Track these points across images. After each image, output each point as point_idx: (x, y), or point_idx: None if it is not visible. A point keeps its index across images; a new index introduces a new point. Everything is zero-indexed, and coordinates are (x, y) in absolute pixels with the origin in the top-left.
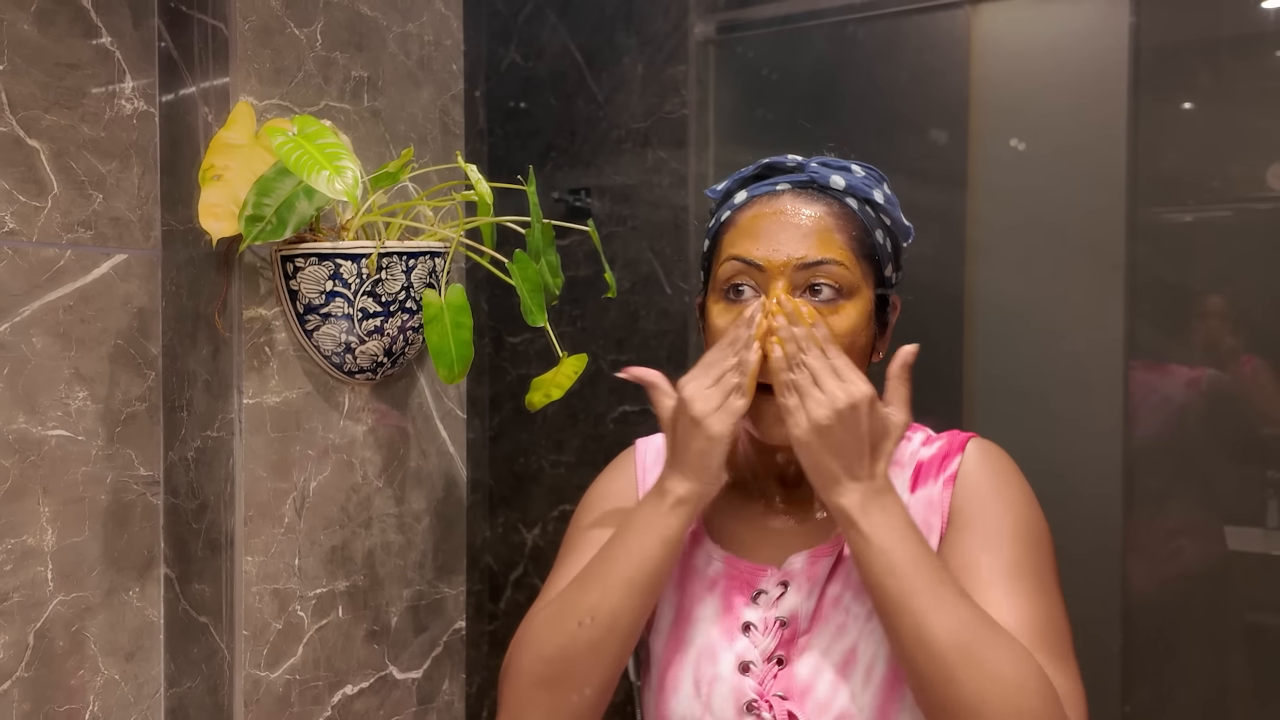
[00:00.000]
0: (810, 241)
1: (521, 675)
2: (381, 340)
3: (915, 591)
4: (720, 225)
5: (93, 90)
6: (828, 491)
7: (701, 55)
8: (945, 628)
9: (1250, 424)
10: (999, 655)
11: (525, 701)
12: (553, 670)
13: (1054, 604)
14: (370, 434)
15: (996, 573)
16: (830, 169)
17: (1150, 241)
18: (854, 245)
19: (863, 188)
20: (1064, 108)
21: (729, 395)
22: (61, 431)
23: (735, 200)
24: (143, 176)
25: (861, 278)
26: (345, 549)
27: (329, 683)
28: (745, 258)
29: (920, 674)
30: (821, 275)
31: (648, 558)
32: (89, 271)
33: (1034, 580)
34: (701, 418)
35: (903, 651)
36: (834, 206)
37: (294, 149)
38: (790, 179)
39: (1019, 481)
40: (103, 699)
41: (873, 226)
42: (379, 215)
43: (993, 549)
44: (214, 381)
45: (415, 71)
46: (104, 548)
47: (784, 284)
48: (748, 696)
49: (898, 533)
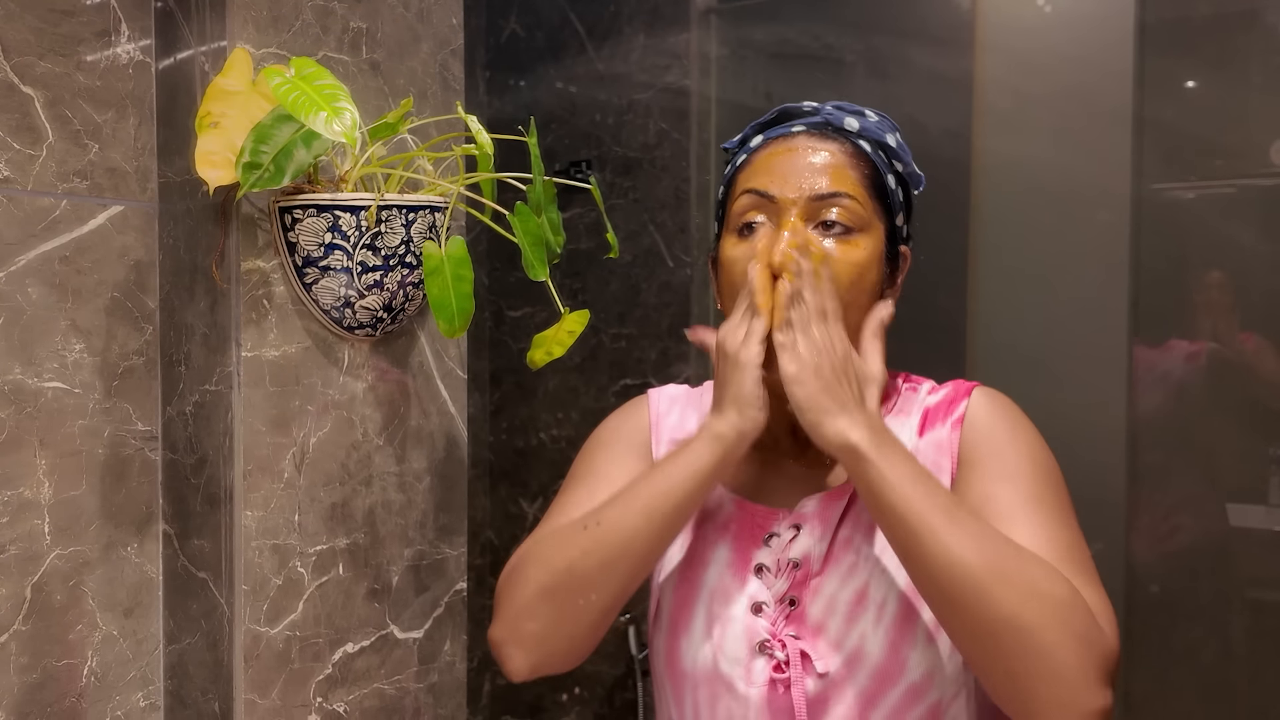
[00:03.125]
0: (824, 176)
1: (527, 583)
2: (381, 295)
3: (936, 516)
4: (735, 169)
5: (88, 38)
6: (824, 426)
7: (703, 24)
8: (974, 547)
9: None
10: (1032, 571)
11: (526, 610)
12: (559, 583)
13: (1073, 530)
14: (370, 391)
15: (1016, 503)
16: (844, 112)
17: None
18: (866, 184)
19: (876, 131)
20: (1069, 82)
21: (750, 319)
22: (58, 384)
23: (751, 144)
24: (139, 127)
25: (874, 215)
26: (345, 506)
27: (330, 640)
28: (759, 189)
29: (950, 597)
30: (834, 207)
31: (673, 487)
32: (85, 223)
33: (1052, 509)
34: (730, 349)
35: (929, 577)
36: (847, 146)
37: (291, 90)
38: (805, 121)
39: (1026, 422)
40: (101, 654)
41: (884, 170)
42: (378, 167)
43: (1010, 481)
44: (212, 335)
45: (415, 24)
46: (102, 502)
47: (797, 213)
48: (760, 636)
49: (907, 461)
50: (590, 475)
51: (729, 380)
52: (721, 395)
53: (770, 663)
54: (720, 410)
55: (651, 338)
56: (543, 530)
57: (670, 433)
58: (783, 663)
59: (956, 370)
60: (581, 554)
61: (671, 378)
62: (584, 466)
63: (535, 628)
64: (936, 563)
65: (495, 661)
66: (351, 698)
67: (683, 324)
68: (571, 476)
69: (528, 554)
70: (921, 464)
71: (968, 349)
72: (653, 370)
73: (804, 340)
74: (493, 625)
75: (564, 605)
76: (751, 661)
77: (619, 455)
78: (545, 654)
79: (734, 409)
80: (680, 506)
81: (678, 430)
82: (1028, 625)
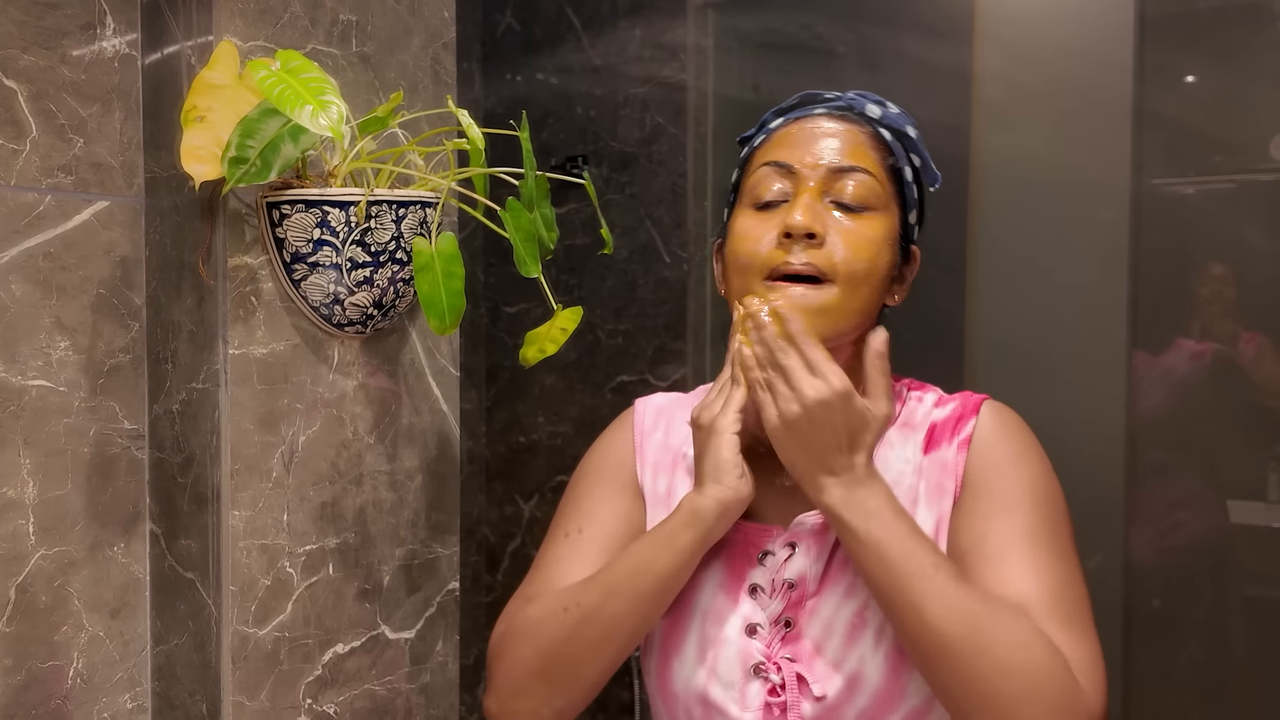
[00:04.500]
0: (843, 150)
1: (516, 662)
2: (371, 291)
3: (910, 582)
4: (753, 149)
5: (73, 31)
6: (807, 488)
7: (700, 19)
8: (945, 616)
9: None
10: (1005, 639)
11: (518, 689)
12: (549, 665)
13: (1071, 570)
14: (361, 389)
15: (1013, 539)
16: (867, 100)
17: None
18: (884, 166)
19: (898, 121)
20: (1069, 76)
21: (730, 392)
22: (42, 382)
23: (770, 126)
24: (125, 121)
25: (890, 198)
26: (335, 506)
27: (319, 641)
28: (777, 160)
29: (926, 661)
30: (852, 181)
31: (655, 568)
32: (70, 218)
33: (1050, 547)
34: (706, 421)
35: (906, 640)
36: (868, 130)
37: (276, 83)
38: (827, 105)
39: (1034, 446)
40: (87, 655)
41: (903, 160)
42: (368, 162)
43: (1009, 515)
44: (199, 332)
45: (406, 17)
46: (87, 501)
47: (815, 185)
48: (755, 659)
49: (885, 523)
50: (576, 515)
51: (706, 450)
52: (699, 468)
53: (765, 686)
54: (701, 484)
55: (648, 334)
56: (531, 588)
57: (655, 453)
58: (778, 686)
59: (954, 366)
60: (568, 638)
61: (668, 374)
62: (570, 505)
63: (528, 705)
64: (911, 627)
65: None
66: (342, 699)
67: (679, 319)
68: (559, 515)
69: (516, 629)
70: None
71: (966, 344)
72: (649, 366)
73: (781, 397)
74: (486, 696)
75: (555, 683)
76: (746, 685)
77: (604, 493)
78: None
79: (713, 480)
80: (663, 586)
81: (663, 450)
82: (1001, 698)
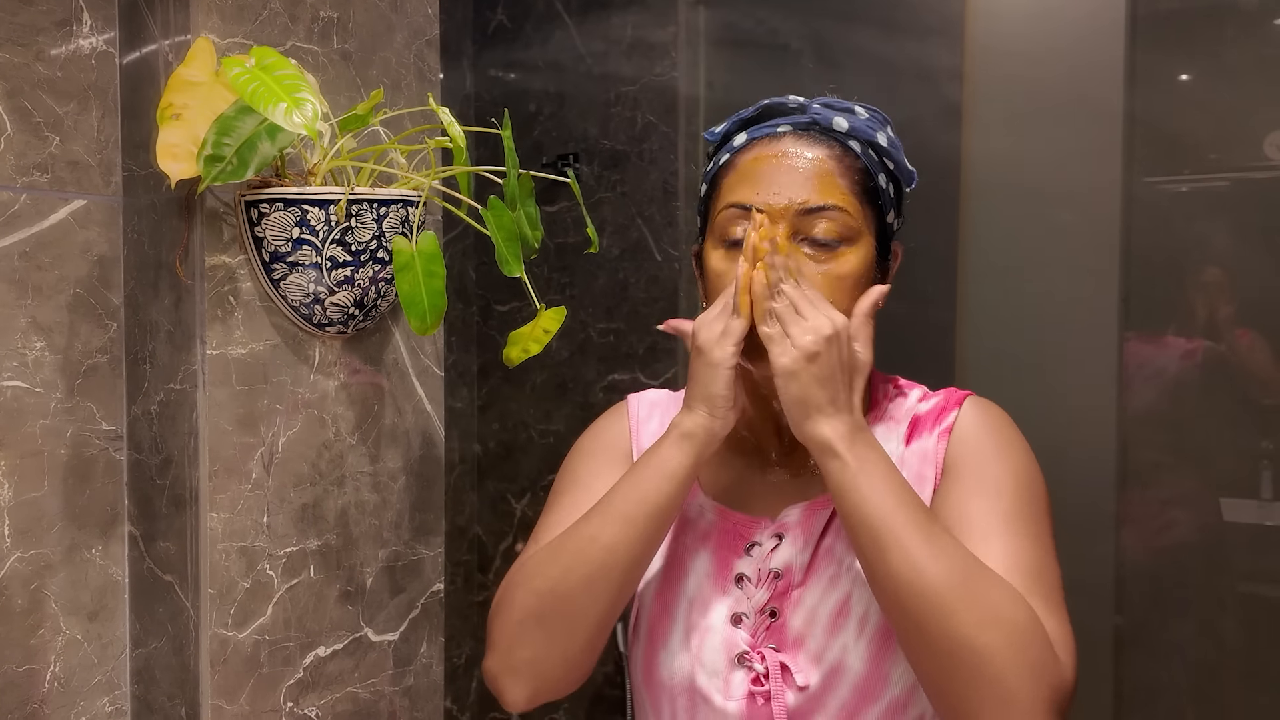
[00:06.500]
0: (811, 186)
1: (513, 610)
2: (352, 291)
3: (905, 528)
4: (719, 169)
5: (48, 27)
6: (810, 423)
7: (691, 17)
8: (939, 564)
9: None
10: (996, 594)
11: (515, 638)
12: (545, 605)
13: (1047, 552)
14: (342, 389)
15: (991, 520)
16: (833, 110)
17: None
18: (856, 190)
19: (866, 130)
20: (1060, 76)
21: (728, 318)
22: (18, 383)
23: (734, 143)
24: (103, 119)
25: (864, 223)
26: (317, 507)
27: (300, 644)
28: (745, 203)
29: (909, 611)
30: (823, 220)
31: (648, 492)
32: (45, 217)
33: (1028, 528)
34: (705, 345)
35: (893, 589)
36: (836, 150)
37: (250, 80)
38: (791, 120)
39: (1016, 436)
40: (65, 659)
41: (876, 171)
42: (348, 160)
43: (988, 497)
44: (176, 332)
45: (388, 13)
46: (64, 504)
47: (784, 229)
48: (739, 648)
49: (884, 466)
50: (573, 488)
51: (700, 378)
52: (691, 391)
53: (749, 675)
54: (690, 407)
55: (640, 332)
56: (527, 553)
57: (651, 439)
58: (762, 675)
59: (945, 366)
60: (563, 572)
61: (660, 372)
62: (566, 480)
63: (527, 654)
64: (899, 575)
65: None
66: (324, 702)
67: (671, 317)
68: (554, 492)
69: (512, 580)
70: (900, 473)
71: (956, 344)
72: (640, 364)
73: (795, 327)
74: (486, 658)
75: (553, 628)
76: (730, 673)
77: (600, 466)
78: (541, 680)
79: (704, 407)
80: (658, 511)
81: (658, 437)
82: (983, 649)
